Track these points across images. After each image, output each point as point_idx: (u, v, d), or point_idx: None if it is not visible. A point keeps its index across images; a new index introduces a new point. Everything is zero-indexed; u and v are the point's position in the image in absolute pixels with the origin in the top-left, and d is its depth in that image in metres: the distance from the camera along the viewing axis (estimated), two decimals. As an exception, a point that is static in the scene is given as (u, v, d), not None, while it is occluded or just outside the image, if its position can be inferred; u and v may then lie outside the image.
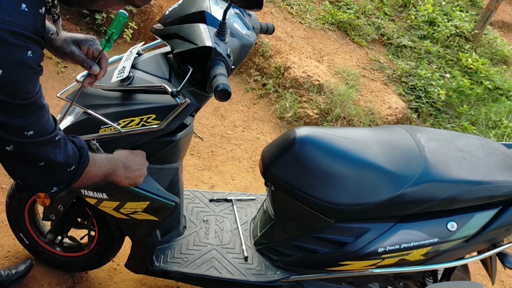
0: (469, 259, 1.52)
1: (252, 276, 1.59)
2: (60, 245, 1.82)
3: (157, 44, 1.50)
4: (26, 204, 1.71)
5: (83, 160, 0.98)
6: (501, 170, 1.42)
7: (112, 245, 1.70)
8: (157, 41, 1.48)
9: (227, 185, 2.58)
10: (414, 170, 1.37)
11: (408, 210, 1.40)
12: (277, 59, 3.47)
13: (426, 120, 3.59)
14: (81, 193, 1.37)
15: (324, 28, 4.10)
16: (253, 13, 1.55)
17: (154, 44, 1.50)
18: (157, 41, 1.49)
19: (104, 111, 1.26)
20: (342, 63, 3.79)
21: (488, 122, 3.61)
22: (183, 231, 1.73)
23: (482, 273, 2.41)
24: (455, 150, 1.46)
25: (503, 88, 3.98)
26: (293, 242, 1.56)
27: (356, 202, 1.38)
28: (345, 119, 3.21)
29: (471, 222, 1.42)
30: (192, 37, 1.19)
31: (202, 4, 1.27)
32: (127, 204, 1.37)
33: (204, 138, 2.88)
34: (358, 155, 1.42)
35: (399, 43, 4.23)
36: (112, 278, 1.90)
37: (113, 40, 1.15)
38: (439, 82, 3.80)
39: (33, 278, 1.81)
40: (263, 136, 3.06)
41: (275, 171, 1.45)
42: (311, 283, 1.59)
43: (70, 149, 0.94)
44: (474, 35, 4.47)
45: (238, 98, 3.32)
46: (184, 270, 1.59)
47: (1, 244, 1.91)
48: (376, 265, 1.46)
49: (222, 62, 1.16)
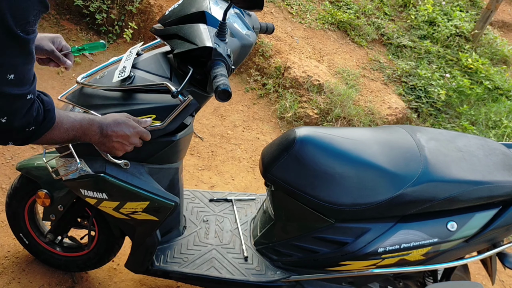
0: (469, 259, 1.52)
1: (252, 276, 1.59)
2: (60, 245, 1.82)
3: (156, 44, 1.50)
4: (26, 204, 1.71)
5: (46, 122, 0.95)
6: (501, 170, 1.42)
7: (112, 245, 1.70)
8: (156, 41, 1.48)
9: (227, 185, 2.58)
10: (414, 170, 1.37)
11: (408, 210, 1.40)
12: (277, 59, 3.47)
13: (426, 120, 3.59)
14: (81, 193, 1.37)
15: (324, 28, 4.10)
16: (253, 13, 1.55)
17: (153, 44, 1.50)
18: (156, 41, 1.49)
19: (104, 111, 1.26)
20: (342, 63, 3.79)
21: (488, 122, 3.61)
22: (183, 231, 1.73)
23: (482, 273, 2.41)
24: (455, 150, 1.46)
25: (503, 88, 3.99)
26: (293, 242, 1.56)
27: (356, 202, 1.38)
28: (345, 119, 3.21)
29: (471, 222, 1.42)
30: (192, 38, 1.19)
31: (202, 4, 1.27)
32: (127, 204, 1.37)
33: (204, 138, 2.88)
34: (358, 155, 1.42)
35: (399, 43, 4.23)
36: (112, 278, 1.90)
37: (79, 53, 1.30)
38: (439, 82, 3.80)
39: (33, 278, 1.81)
40: (263, 136, 3.06)
41: (275, 171, 1.45)
42: (311, 283, 1.59)
43: (35, 110, 0.91)
44: (474, 35, 4.47)
45: (238, 98, 3.32)
46: (184, 270, 1.59)
47: (1, 244, 1.91)
48: (376, 265, 1.46)
49: (223, 63, 1.16)
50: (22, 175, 1.65)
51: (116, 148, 1.14)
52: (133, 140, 1.14)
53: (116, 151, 1.15)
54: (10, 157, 2.30)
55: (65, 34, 3.27)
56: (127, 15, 3.39)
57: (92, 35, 3.37)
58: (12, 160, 2.29)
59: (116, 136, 1.11)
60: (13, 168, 2.24)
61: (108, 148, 1.14)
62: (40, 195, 1.56)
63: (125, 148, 1.15)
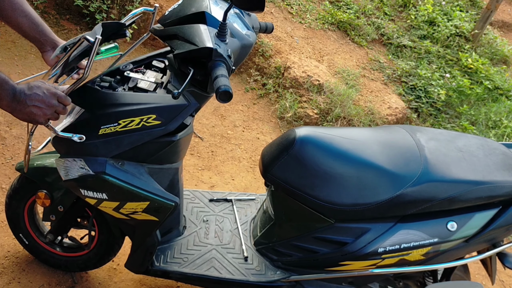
0: (469, 259, 1.52)
1: (252, 276, 1.59)
2: (60, 245, 1.82)
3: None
4: (26, 205, 1.71)
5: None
6: (501, 170, 1.42)
7: (112, 245, 1.70)
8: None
9: (227, 185, 2.58)
10: (414, 170, 1.37)
11: (408, 210, 1.40)
12: (277, 59, 3.47)
13: (426, 120, 3.59)
14: (80, 194, 1.37)
15: (324, 28, 4.10)
16: (252, 13, 1.55)
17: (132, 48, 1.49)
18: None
19: (104, 111, 1.26)
20: (342, 63, 3.79)
21: (488, 122, 3.61)
22: (183, 231, 1.73)
23: (482, 273, 2.41)
24: (455, 150, 1.46)
25: (503, 88, 3.98)
26: (293, 242, 1.56)
27: (356, 202, 1.38)
28: (345, 119, 3.21)
29: (471, 222, 1.42)
30: (193, 38, 1.19)
31: (202, 4, 1.27)
32: (127, 204, 1.37)
33: (204, 138, 2.88)
34: (358, 155, 1.42)
35: (399, 43, 4.23)
36: (112, 278, 1.90)
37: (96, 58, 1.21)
38: (439, 82, 3.80)
39: (33, 278, 1.81)
40: (263, 136, 3.06)
41: (275, 171, 1.45)
42: (311, 283, 1.59)
43: None
44: (474, 35, 4.47)
45: (238, 98, 3.32)
46: (184, 270, 1.59)
47: (1, 244, 1.91)
48: (376, 265, 1.46)
49: (223, 63, 1.16)
50: (22, 175, 1.65)
51: (35, 114, 1.08)
52: (50, 101, 1.08)
53: (35, 116, 1.08)
54: (10, 157, 2.30)
55: (65, 34, 3.27)
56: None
57: (92, 35, 3.37)
58: (12, 160, 2.29)
59: (30, 99, 1.06)
60: (13, 168, 2.24)
61: (26, 115, 1.08)
62: (40, 196, 1.56)
63: (44, 113, 1.08)
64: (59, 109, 1.11)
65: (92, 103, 1.28)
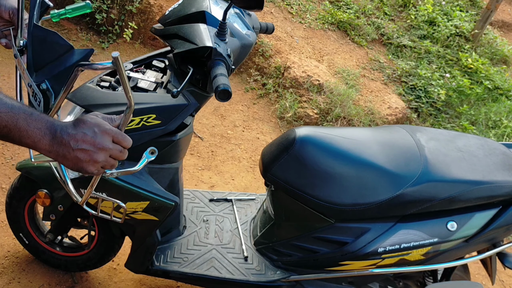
0: (469, 259, 1.52)
1: (252, 276, 1.59)
2: (60, 245, 1.82)
3: None
4: (26, 204, 1.71)
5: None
6: (501, 170, 1.42)
7: (112, 245, 1.70)
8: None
9: (227, 185, 2.58)
10: (414, 170, 1.37)
11: (408, 210, 1.40)
12: (277, 59, 3.47)
13: (426, 120, 3.59)
14: (81, 193, 1.37)
15: (324, 28, 4.10)
16: (252, 13, 1.55)
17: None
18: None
19: (104, 111, 1.26)
20: (342, 63, 3.79)
21: (488, 122, 3.61)
22: (183, 231, 1.73)
23: (482, 273, 2.41)
24: (455, 150, 1.46)
25: (503, 88, 3.98)
26: (293, 242, 1.56)
27: (356, 202, 1.38)
28: (345, 119, 3.21)
29: (471, 222, 1.42)
30: (192, 37, 1.19)
31: (202, 4, 1.27)
32: (127, 204, 1.37)
33: (204, 138, 2.88)
34: (358, 155, 1.42)
35: (399, 43, 4.23)
36: (112, 278, 1.90)
37: (59, 19, 1.08)
38: (439, 82, 3.80)
39: (33, 278, 1.81)
40: (263, 136, 3.06)
41: (275, 171, 1.45)
42: (311, 283, 1.59)
43: None
44: (474, 35, 4.47)
45: (238, 98, 3.32)
46: (184, 270, 1.59)
47: (1, 244, 1.91)
48: (376, 265, 1.46)
49: (223, 62, 1.16)
50: (22, 175, 1.65)
51: (82, 160, 0.78)
52: (102, 143, 0.79)
53: (83, 164, 0.79)
54: (10, 157, 2.30)
55: (65, 34, 3.27)
56: (127, 15, 3.39)
57: (92, 35, 3.37)
58: (12, 160, 2.29)
59: (75, 140, 0.77)
60: (13, 168, 2.24)
61: (71, 163, 0.79)
62: (40, 195, 1.56)
63: (94, 159, 0.79)
64: (115, 152, 0.82)
65: (92, 103, 1.28)
